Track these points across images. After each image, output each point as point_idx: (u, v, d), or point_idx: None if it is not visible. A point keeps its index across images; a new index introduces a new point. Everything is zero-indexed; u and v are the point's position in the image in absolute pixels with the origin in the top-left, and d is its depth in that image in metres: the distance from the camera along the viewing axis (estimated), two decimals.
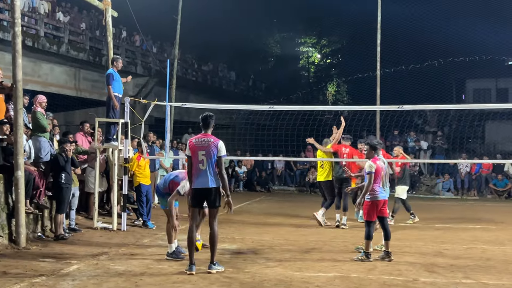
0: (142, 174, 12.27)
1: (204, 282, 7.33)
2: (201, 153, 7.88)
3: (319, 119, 24.31)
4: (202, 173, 7.89)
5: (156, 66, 26.56)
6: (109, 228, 11.50)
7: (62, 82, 22.21)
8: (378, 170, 9.04)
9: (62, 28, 21.31)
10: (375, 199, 8.99)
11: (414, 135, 24.11)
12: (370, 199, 8.99)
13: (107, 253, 9.15)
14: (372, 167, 9.00)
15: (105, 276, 7.53)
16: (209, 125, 8.08)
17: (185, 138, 23.47)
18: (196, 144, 7.97)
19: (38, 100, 11.13)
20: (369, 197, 8.99)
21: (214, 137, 8.00)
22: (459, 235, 11.96)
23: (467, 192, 22.26)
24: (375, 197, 8.99)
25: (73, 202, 11.18)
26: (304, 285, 7.22)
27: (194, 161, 7.94)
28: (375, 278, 7.67)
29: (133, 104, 17.84)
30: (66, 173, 10.42)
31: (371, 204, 8.99)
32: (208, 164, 7.86)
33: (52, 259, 8.60)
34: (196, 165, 7.93)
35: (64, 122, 23.05)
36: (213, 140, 7.93)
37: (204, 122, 8.08)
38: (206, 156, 7.86)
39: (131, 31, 26.48)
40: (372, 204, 8.99)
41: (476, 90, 36.78)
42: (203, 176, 7.90)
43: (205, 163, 7.86)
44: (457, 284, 7.42)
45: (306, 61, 49.12)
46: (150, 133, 15.92)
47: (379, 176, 9.07)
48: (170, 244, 8.92)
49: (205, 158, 7.86)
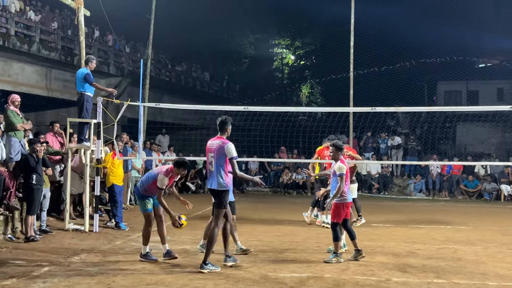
0: (115, 174, 12.15)
1: (178, 283, 7.28)
2: (210, 155, 8.22)
3: (293, 120, 24.42)
4: (211, 174, 8.23)
5: (129, 66, 26.34)
6: (81, 230, 11.36)
7: (33, 82, 21.88)
8: (347, 171, 9.10)
9: (33, 27, 21.01)
10: (344, 201, 9.00)
11: (385, 136, 24.31)
12: (340, 201, 8.96)
13: (79, 255, 9.04)
14: (343, 168, 8.99)
15: (77, 278, 7.43)
16: (223, 129, 8.33)
17: (158, 139, 23.32)
18: (208, 146, 8.33)
19: (11, 99, 11.24)
20: (339, 199, 8.96)
21: (224, 140, 8.24)
22: (431, 235, 12.10)
23: (438, 193, 22.52)
24: (344, 199, 9.00)
25: (44, 204, 11.01)
26: (278, 286, 7.22)
27: (207, 162, 8.36)
28: (348, 278, 7.71)
29: (106, 104, 17.69)
30: (37, 174, 10.27)
31: (341, 206, 8.98)
32: (216, 166, 8.12)
33: (23, 261, 8.47)
34: (207, 166, 8.38)
35: (35, 122, 22.60)
36: (221, 142, 8.17)
37: (220, 126, 8.35)
38: (214, 158, 8.15)
39: (104, 31, 26.22)
40: (341, 206, 8.98)
41: (447, 92, 37.37)
42: (211, 177, 8.24)
43: (213, 164, 8.16)
44: (429, 284, 7.50)
45: (280, 62, 49.29)
46: (123, 134, 15.77)
47: (348, 177, 9.12)
48: (144, 246, 8.85)
49: (213, 160, 8.15)
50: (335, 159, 9.16)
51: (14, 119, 10.97)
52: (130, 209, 15.18)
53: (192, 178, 21.63)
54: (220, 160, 8.09)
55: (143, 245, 8.87)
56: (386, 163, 22.48)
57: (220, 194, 8.15)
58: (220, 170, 8.09)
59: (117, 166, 12.22)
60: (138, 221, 13.11)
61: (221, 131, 8.32)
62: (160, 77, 30.23)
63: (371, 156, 23.20)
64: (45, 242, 10.12)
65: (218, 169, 8.10)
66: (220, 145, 8.12)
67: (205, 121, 26.17)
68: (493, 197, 21.54)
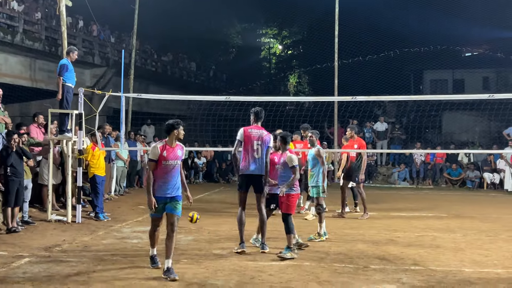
0: (96, 165, 12.16)
1: (157, 272, 7.34)
2: (256, 143, 8.78)
3: (280, 110, 24.43)
4: (257, 161, 8.77)
5: (114, 56, 26.21)
6: (63, 221, 11.37)
7: (17, 73, 21.72)
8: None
9: (17, 17, 20.82)
10: (297, 192, 8.81)
11: (370, 125, 24.42)
12: (295, 191, 8.71)
13: (60, 246, 9.07)
14: (295, 160, 8.78)
15: (57, 268, 7.47)
16: (261, 117, 9.04)
17: (143, 129, 23.30)
18: (251, 133, 8.84)
19: None
20: (293, 191, 8.66)
21: (266, 131, 8.99)
22: (412, 223, 12.23)
23: (422, 181, 22.74)
24: (297, 191, 8.82)
25: (26, 195, 11.01)
26: (257, 274, 7.30)
27: (250, 149, 8.78)
28: (327, 266, 7.81)
29: (90, 95, 17.66)
30: (11, 166, 10.23)
31: (294, 197, 8.75)
32: (262, 154, 8.77)
33: (3, 252, 8.48)
34: (251, 153, 8.77)
35: (19, 113, 22.59)
36: (266, 133, 8.91)
37: (257, 115, 9.00)
38: (260, 146, 8.77)
39: (88, 21, 26.05)
40: (294, 197, 8.76)
41: (433, 81, 37.51)
42: (255, 163, 8.76)
43: (259, 151, 8.77)
44: (406, 271, 7.61)
45: (267, 52, 49.23)
46: (106, 125, 15.76)
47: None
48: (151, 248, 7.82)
49: (260, 148, 8.76)
50: (283, 150, 8.88)
51: None
52: (114, 200, 15.20)
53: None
54: (264, 149, 8.76)
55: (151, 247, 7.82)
56: (370, 152, 22.58)
57: (261, 179, 8.74)
58: (263, 158, 8.76)
59: (97, 157, 12.22)
60: (121, 212, 13.21)
61: (259, 120, 9.00)
62: (146, 67, 30.11)
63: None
64: (26, 233, 10.13)
65: (263, 156, 8.76)
66: (266, 135, 8.86)
67: (191, 111, 26.17)
68: (476, 185, 21.77)
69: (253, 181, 8.80)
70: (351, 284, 6.91)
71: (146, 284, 6.78)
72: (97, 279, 6.96)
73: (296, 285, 6.86)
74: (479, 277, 7.32)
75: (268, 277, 7.18)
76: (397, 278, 7.20)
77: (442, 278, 7.26)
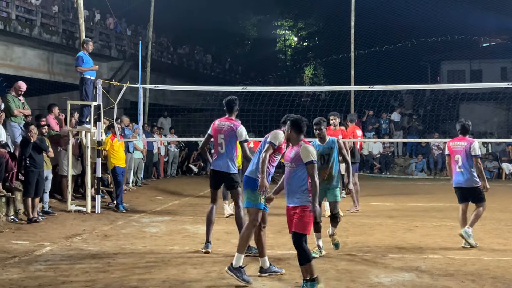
0: (116, 156, 12.26)
1: (177, 261, 7.42)
2: (220, 136, 7.95)
3: (296, 102, 24.42)
4: (221, 156, 7.96)
5: (130, 49, 26.33)
6: (83, 211, 11.51)
7: (35, 66, 21.91)
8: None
9: (34, 11, 20.99)
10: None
11: (386, 116, 24.32)
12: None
13: (81, 235, 9.19)
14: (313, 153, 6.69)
15: (78, 257, 7.58)
16: (232, 109, 8.02)
17: (160, 121, 23.41)
18: (217, 127, 8.02)
19: (15, 85, 11.58)
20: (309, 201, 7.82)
21: (235, 122, 7.99)
22: (430, 213, 12.21)
23: (439, 172, 22.60)
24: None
25: (46, 185, 11.14)
26: (276, 262, 7.30)
27: (215, 143, 8.06)
28: (344, 255, 7.83)
29: (108, 87, 17.79)
30: (30, 156, 10.36)
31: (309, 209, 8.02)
32: (226, 148, 7.91)
33: (25, 241, 8.62)
34: (216, 147, 8.04)
35: (37, 106, 22.75)
36: (232, 125, 7.94)
37: (228, 106, 8.05)
38: (224, 140, 7.92)
39: (105, 14, 26.18)
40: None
41: (451, 71, 37.17)
42: (220, 159, 7.96)
43: (223, 146, 7.92)
44: (425, 260, 7.61)
45: (283, 44, 49.14)
46: (124, 117, 15.90)
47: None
48: (238, 254, 6.57)
49: (224, 142, 7.92)
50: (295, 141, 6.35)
51: (12, 104, 11.21)
52: (132, 191, 15.33)
53: (194, 160, 21.74)
54: (231, 142, 7.91)
55: (237, 252, 6.62)
56: (386, 141, 22.52)
57: (228, 177, 7.96)
58: (230, 153, 7.93)
59: (117, 148, 12.33)
60: (139, 203, 13.34)
61: (229, 111, 8.04)
62: (162, 59, 30.19)
63: (372, 136, 23.23)
64: (47, 223, 10.27)
65: (229, 152, 7.92)
66: (230, 127, 7.92)
67: (207, 102, 26.22)
68: (494, 176, 21.61)
69: (220, 178, 8.06)
70: (369, 272, 6.92)
71: (165, 272, 6.86)
72: (117, 267, 7.05)
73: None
74: (498, 266, 7.30)
75: (286, 265, 7.21)
76: (416, 266, 7.21)
77: (460, 266, 7.26)
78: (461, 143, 8.74)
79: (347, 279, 6.60)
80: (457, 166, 8.68)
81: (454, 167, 8.74)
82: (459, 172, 8.67)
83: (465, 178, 8.62)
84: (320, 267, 7.12)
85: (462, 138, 8.81)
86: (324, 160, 7.99)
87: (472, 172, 8.59)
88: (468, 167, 8.59)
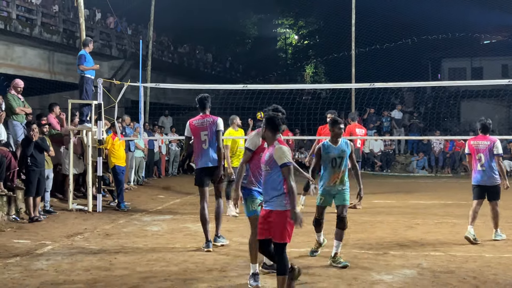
0: (116, 155, 12.26)
1: (178, 259, 7.42)
2: (203, 133, 8.16)
3: (297, 100, 24.39)
4: (205, 152, 8.15)
5: (131, 48, 26.33)
6: (84, 210, 11.51)
7: (36, 65, 21.93)
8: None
9: (35, 10, 20.99)
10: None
11: (387, 114, 24.31)
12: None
13: (82, 234, 9.19)
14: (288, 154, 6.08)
15: (79, 256, 7.58)
16: (205, 106, 8.27)
17: (161, 120, 23.41)
18: (196, 125, 8.22)
19: (14, 84, 11.59)
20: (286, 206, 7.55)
21: (213, 116, 8.28)
22: (431, 210, 12.20)
23: (441, 169, 22.60)
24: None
25: (47, 184, 11.15)
26: None
27: (197, 142, 8.20)
28: (346, 252, 7.80)
29: (108, 86, 17.78)
30: (32, 155, 10.36)
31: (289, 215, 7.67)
32: (210, 143, 8.13)
33: (27, 240, 8.63)
34: (199, 145, 8.17)
35: (38, 106, 22.77)
36: (212, 119, 8.22)
37: (201, 104, 8.28)
38: (208, 135, 8.14)
39: (105, 13, 26.19)
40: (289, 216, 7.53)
41: (452, 69, 37.19)
42: (205, 155, 8.15)
43: (207, 142, 8.13)
44: (426, 256, 7.60)
45: (283, 42, 49.13)
46: (126, 116, 15.91)
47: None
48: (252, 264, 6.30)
49: (207, 138, 8.14)
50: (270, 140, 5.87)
51: (13, 103, 11.25)
52: (133, 190, 15.34)
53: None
54: (213, 136, 8.15)
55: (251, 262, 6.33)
56: (387, 139, 22.50)
57: (216, 170, 8.11)
58: (214, 147, 8.14)
59: (117, 147, 12.32)
60: (140, 201, 13.36)
61: (203, 108, 8.30)
62: (163, 59, 30.20)
63: (373, 134, 23.22)
64: (48, 222, 10.28)
65: (213, 146, 8.13)
66: (212, 122, 8.18)
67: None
68: None
69: (207, 174, 8.13)
70: (370, 270, 6.92)
71: (167, 270, 6.86)
72: (119, 266, 7.05)
73: (315, 271, 6.89)
74: (499, 262, 7.30)
75: None
76: (417, 264, 7.20)
77: (462, 263, 7.26)
78: (483, 142, 8.81)
79: (349, 277, 6.60)
80: (479, 164, 8.77)
81: (476, 165, 8.82)
82: (480, 170, 8.76)
83: (488, 176, 8.74)
84: (322, 264, 7.13)
85: (484, 137, 8.89)
86: (336, 163, 7.33)
87: (494, 170, 8.70)
88: (491, 165, 8.70)
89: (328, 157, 7.33)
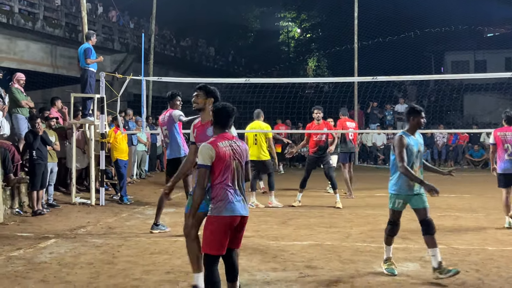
0: (119, 149, 12.26)
1: (181, 252, 7.41)
2: (164, 128, 8.80)
3: (299, 94, 24.35)
4: (169, 145, 8.77)
5: (133, 42, 26.32)
6: (87, 203, 11.54)
7: (39, 59, 21.96)
8: None
9: (37, 4, 20.99)
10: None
11: (390, 108, 24.27)
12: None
13: (85, 227, 9.22)
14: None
15: (82, 249, 7.60)
16: (171, 102, 8.87)
17: None
18: (161, 121, 8.91)
19: (16, 78, 11.62)
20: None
21: (170, 110, 8.77)
22: (434, 203, 12.04)
23: (444, 163, 22.59)
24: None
25: (51, 178, 11.17)
26: (279, 253, 7.35)
27: (163, 137, 9.02)
28: (348, 245, 7.84)
29: (111, 80, 17.77)
30: (37, 149, 10.38)
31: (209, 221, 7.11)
32: (171, 136, 8.69)
33: (30, 233, 8.65)
34: (164, 139, 8.93)
35: (41, 100, 22.79)
36: (168, 114, 8.73)
37: (168, 99, 8.96)
38: (168, 129, 8.71)
39: (107, 7, 26.17)
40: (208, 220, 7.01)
41: (455, 62, 37.10)
42: (169, 148, 8.76)
43: (169, 136, 8.72)
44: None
45: (286, 36, 49.02)
46: (129, 110, 15.92)
47: None
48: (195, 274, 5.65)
49: (168, 132, 8.71)
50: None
51: (18, 96, 11.29)
52: (136, 183, 15.35)
53: None
54: (172, 129, 8.65)
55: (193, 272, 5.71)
56: (389, 132, 22.48)
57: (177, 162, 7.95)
58: (175, 139, 8.66)
59: (120, 141, 12.33)
60: (143, 195, 13.37)
61: (168, 103, 8.89)
62: (165, 52, 30.19)
63: (376, 127, 23.20)
64: (52, 216, 10.31)
65: (174, 138, 8.66)
66: (167, 117, 8.69)
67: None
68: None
69: (176, 164, 7.67)
70: (373, 263, 6.93)
71: (170, 263, 6.87)
72: (122, 259, 7.06)
73: (318, 263, 6.89)
74: (502, 255, 7.30)
75: (290, 256, 7.22)
76: (420, 257, 7.21)
77: (464, 256, 7.26)
78: (511, 133, 9.25)
79: (351, 269, 6.61)
80: (506, 154, 9.22)
81: (503, 155, 9.25)
82: (508, 160, 9.18)
83: None
84: (324, 257, 7.14)
85: (509, 128, 9.31)
86: (417, 157, 6.82)
87: None
88: None
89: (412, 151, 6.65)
